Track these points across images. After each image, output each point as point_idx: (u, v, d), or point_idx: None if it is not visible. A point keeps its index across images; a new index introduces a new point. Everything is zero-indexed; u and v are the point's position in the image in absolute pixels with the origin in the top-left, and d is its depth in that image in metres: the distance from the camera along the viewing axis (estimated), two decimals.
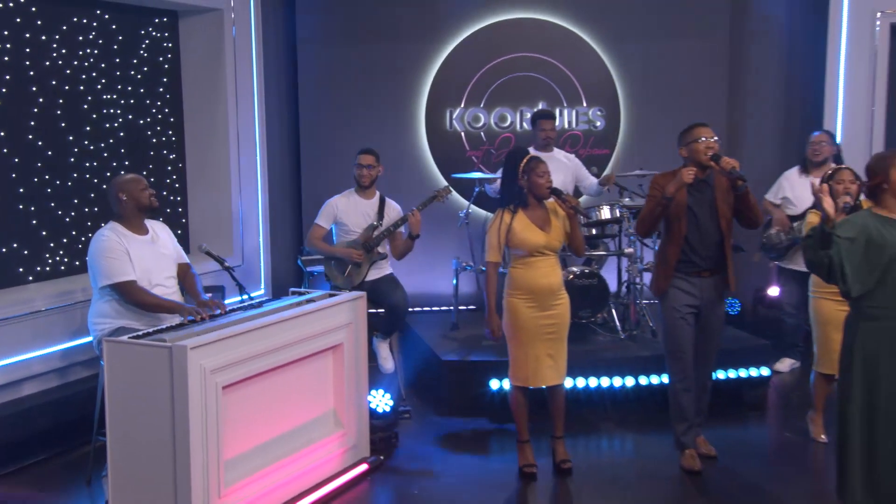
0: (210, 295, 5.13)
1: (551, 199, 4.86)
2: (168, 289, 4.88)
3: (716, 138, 4.92)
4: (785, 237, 6.46)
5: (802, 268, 6.17)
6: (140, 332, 4.21)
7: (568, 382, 5.76)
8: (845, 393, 3.99)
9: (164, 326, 4.34)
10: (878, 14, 7.44)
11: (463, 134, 8.00)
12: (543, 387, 5.01)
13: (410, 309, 6.74)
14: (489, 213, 6.84)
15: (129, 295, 4.68)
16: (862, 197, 4.84)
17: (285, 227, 7.84)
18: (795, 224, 6.36)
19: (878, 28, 7.46)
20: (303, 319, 4.65)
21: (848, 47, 7.53)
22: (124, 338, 4.14)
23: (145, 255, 4.84)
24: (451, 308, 7.08)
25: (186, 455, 3.94)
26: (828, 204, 3.78)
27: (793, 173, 6.66)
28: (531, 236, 4.81)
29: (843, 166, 5.24)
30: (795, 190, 6.53)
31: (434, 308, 7.73)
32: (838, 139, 7.39)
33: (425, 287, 7.75)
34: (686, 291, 4.92)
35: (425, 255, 7.61)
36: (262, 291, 7.08)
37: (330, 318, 4.85)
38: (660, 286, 5.00)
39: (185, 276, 5.10)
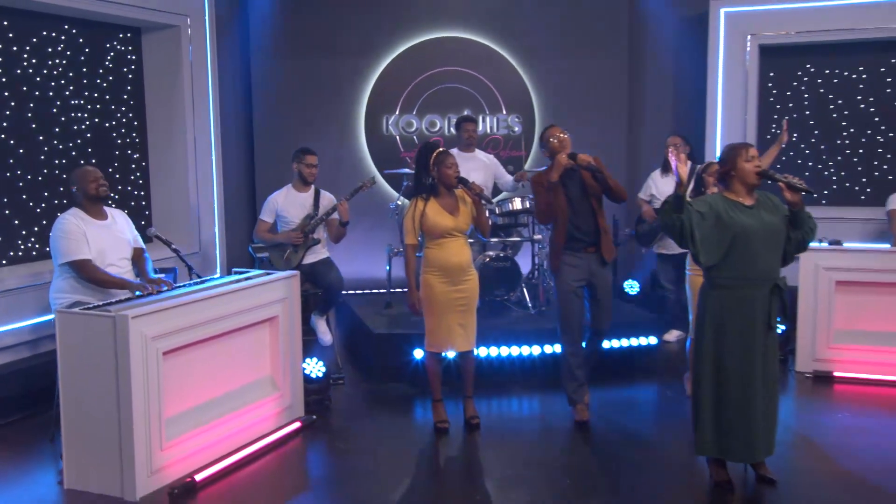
0: (163, 275, 5.09)
1: (459, 188, 4.87)
2: (121, 269, 4.82)
3: (566, 135, 5.03)
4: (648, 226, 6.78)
5: (673, 251, 6.33)
6: (91, 305, 4.17)
7: (483, 351, 5.83)
8: (699, 354, 4.06)
9: (113, 300, 4.29)
10: (749, 36, 7.59)
11: (398, 137, 8.02)
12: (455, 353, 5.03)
13: (351, 291, 6.71)
14: None
15: (84, 272, 4.62)
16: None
17: (241, 219, 7.79)
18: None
19: (748, 48, 7.61)
20: (240, 294, 4.62)
21: (725, 64, 7.67)
22: (75, 309, 4.10)
23: (102, 238, 4.78)
24: (385, 290, 7.09)
25: (129, 412, 3.92)
26: (681, 171, 3.84)
27: (656, 174, 6.89)
28: (441, 220, 4.81)
29: (716, 161, 5.34)
30: (659, 187, 6.79)
31: (374, 291, 7.72)
32: (718, 144, 7.56)
33: (364, 272, 7.75)
34: (575, 266, 5.00)
35: (362, 243, 7.64)
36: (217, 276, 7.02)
37: (266, 294, 4.82)
38: (554, 264, 5.08)
39: (138, 259, 5.05)
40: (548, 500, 4.06)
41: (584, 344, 5.18)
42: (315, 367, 5.30)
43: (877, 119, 7.61)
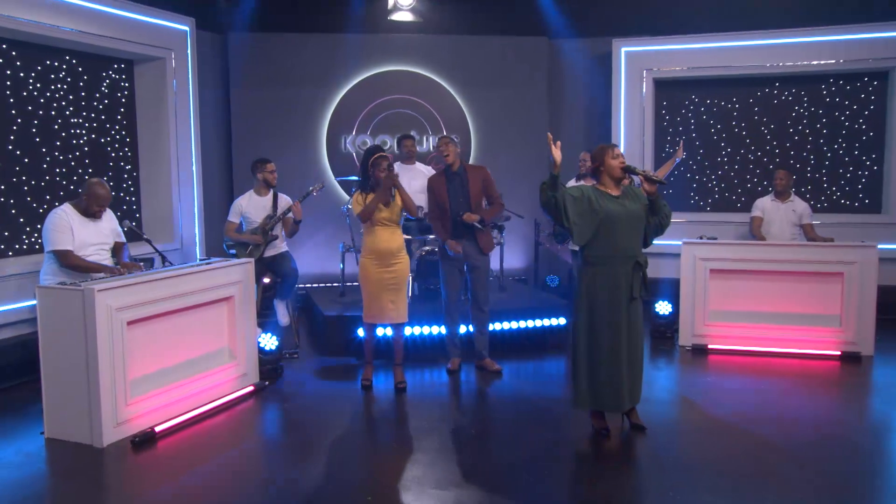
0: (142, 264, 5.07)
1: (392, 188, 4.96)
2: (101, 257, 4.81)
3: (453, 145, 5.29)
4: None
5: None
6: (67, 283, 4.15)
7: (417, 329, 5.86)
8: (575, 322, 4.12)
9: (88, 280, 4.27)
10: (645, 71, 7.74)
11: (354, 154, 8.05)
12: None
13: (314, 284, 6.61)
14: None
15: (63, 259, 4.61)
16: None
17: (219, 221, 7.68)
18: None
19: (645, 81, 7.75)
20: (197, 276, 4.62)
21: (626, 94, 7.81)
22: (52, 285, 4.09)
23: (86, 231, 4.78)
24: (339, 283, 7.09)
25: (96, 373, 3.92)
26: (555, 154, 3.86)
27: (571, 182, 6.87)
28: (376, 212, 4.89)
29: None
30: None
31: (330, 284, 7.73)
32: None
33: (321, 267, 7.77)
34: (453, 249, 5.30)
35: (320, 243, 7.65)
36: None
37: (222, 277, 4.83)
38: (442, 240, 5.35)
39: (119, 250, 5.04)
40: (452, 444, 4.12)
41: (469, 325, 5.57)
42: (269, 341, 5.31)
43: (748, 141, 7.78)
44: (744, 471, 3.70)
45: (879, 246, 5.80)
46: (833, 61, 7.29)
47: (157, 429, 4.15)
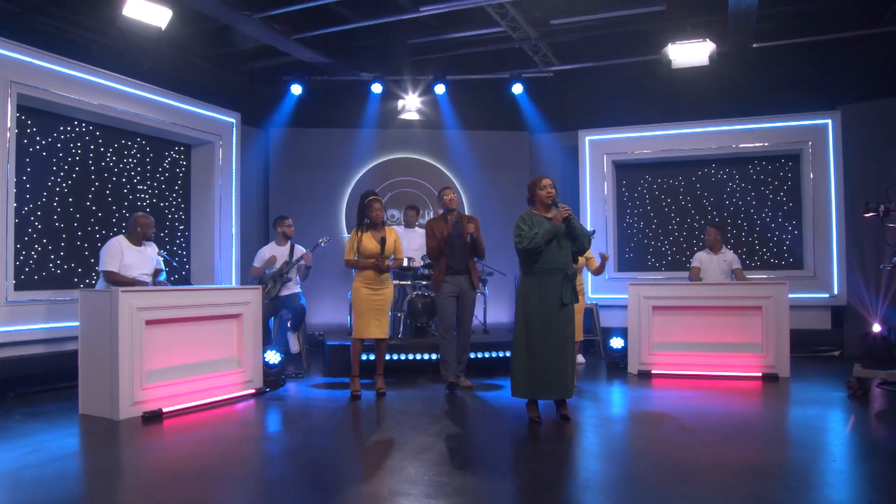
0: (167, 283, 5.28)
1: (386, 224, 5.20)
2: (143, 278, 5.05)
3: (455, 195, 5.36)
4: None
5: None
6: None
7: (405, 355, 5.94)
8: (516, 324, 4.17)
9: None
10: (605, 156, 7.95)
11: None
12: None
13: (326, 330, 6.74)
14: None
15: (108, 277, 4.88)
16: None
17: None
18: None
19: (605, 164, 7.96)
20: (209, 293, 4.86)
21: (591, 175, 7.98)
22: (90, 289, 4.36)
23: (133, 257, 5.05)
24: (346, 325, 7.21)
25: (117, 359, 4.12)
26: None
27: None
28: (371, 245, 5.07)
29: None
30: None
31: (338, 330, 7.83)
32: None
33: (335, 317, 7.93)
34: (449, 283, 5.25)
35: (336, 292, 7.83)
36: None
37: (233, 297, 5.04)
38: (436, 283, 5.31)
39: (156, 275, 5.29)
40: (407, 430, 4.14)
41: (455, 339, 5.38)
42: (273, 357, 5.43)
43: (692, 212, 7.87)
44: (677, 457, 3.65)
45: (801, 295, 5.78)
46: (756, 145, 7.47)
47: (165, 409, 4.28)
